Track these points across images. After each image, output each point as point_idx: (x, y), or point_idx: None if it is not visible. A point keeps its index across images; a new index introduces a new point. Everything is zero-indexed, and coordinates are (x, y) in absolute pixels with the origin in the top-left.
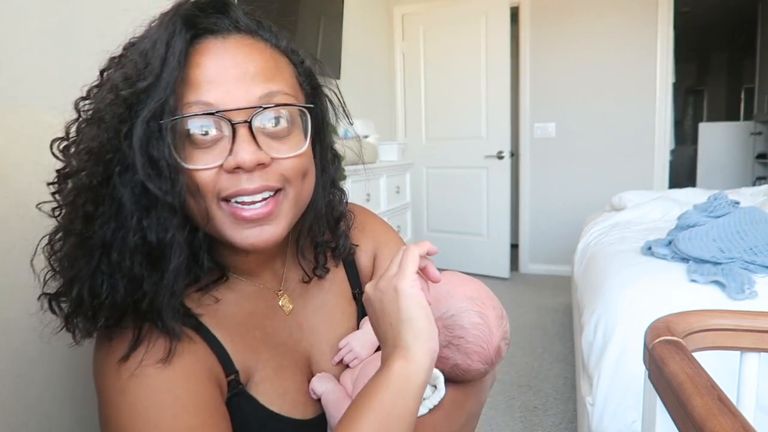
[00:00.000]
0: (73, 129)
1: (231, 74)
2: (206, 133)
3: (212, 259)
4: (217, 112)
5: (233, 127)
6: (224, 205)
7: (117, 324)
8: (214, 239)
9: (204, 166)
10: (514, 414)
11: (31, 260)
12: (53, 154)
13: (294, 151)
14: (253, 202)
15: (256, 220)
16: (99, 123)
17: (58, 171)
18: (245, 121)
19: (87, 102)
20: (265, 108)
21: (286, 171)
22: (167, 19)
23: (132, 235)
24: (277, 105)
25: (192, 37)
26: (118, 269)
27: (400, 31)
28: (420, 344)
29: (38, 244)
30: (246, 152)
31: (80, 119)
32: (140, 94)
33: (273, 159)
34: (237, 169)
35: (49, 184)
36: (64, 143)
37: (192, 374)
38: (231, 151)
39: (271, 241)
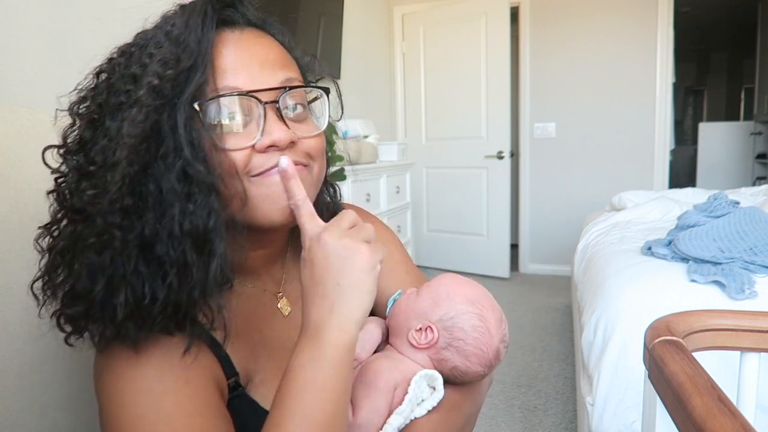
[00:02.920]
0: (71, 134)
1: (253, 61)
2: (234, 117)
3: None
4: (249, 92)
5: (264, 107)
6: (256, 178)
7: (166, 328)
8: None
9: (237, 147)
10: (514, 414)
11: (31, 285)
12: (45, 163)
13: (315, 131)
14: None
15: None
16: (140, 108)
17: (58, 173)
18: (274, 101)
19: (84, 105)
20: (292, 88)
21: (310, 149)
22: (198, 6)
23: (177, 222)
24: (304, 86)
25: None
26: (165, 261)
27: (400, 31)
28: (359, 315)
29: (39, 266)
30: (280, 131)
31: (80, 124)
32: (179, 75)
33: (299, 138)
34: (270, 147)
35: (49, 192)
36: (63, 149)
37: (193, 378)
38: (263, 131)
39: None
